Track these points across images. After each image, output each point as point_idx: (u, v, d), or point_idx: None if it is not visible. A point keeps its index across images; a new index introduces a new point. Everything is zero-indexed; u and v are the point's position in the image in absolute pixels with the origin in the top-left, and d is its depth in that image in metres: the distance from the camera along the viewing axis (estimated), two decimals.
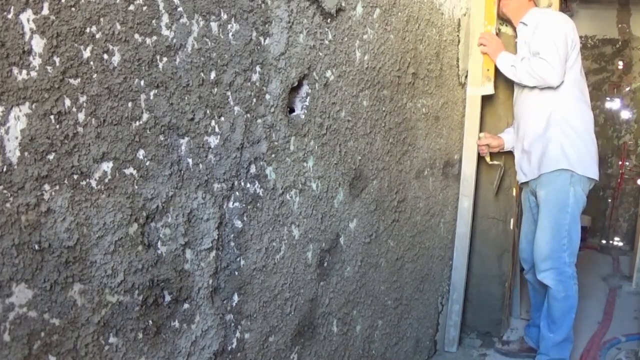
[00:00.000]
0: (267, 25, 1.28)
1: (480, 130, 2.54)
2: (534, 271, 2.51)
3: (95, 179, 0.95)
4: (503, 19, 2.54)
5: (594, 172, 2.28)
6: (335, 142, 1.61)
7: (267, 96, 1.32)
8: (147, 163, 1.04)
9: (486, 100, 2.58)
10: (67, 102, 0.89)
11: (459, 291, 2.58)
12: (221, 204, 1.23)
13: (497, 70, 2.44)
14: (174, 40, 1.06)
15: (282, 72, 1.35)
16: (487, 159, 2.55)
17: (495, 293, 2.73)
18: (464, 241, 2.57)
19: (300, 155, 1.47)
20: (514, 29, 2.52)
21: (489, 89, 2.47)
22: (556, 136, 2.24)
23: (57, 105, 0.87)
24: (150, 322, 1.09)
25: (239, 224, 1.29)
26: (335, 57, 1.54)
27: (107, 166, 0.96)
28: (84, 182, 0.93)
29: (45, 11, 0.84)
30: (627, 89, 4.87)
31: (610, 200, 4.84)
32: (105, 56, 0.94)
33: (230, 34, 1.19)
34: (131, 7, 0.97)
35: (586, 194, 2.29)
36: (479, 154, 2.54)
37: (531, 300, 2.66)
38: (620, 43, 4.84)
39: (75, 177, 0.92)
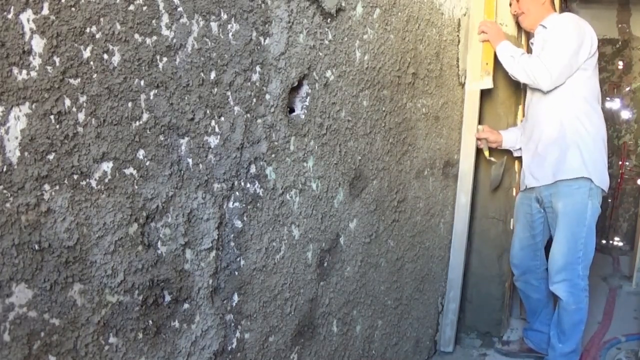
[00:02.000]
0: (267, 25, 1.28)
1: None
2: (525, 278, 2.50)
3: (95, 179, 0.95)
4: (521, 28, 2.52)
5: (606, 184, 2.27)
6: (335, 142, 1.61)
7: (267, 96, 1.32)
8: (147, 163, 1.04)
9: (486, 99, 2.58)
10: (67, 102, 0.89)
11: (456, 290, 2.57)
12: (221, 204, 1.23)
13: (496, 65, 2.42)
14: (174, 40, 1.06)
15: (282, 72, 1.35)
16: (486, 153, 2.51)
17: (495, 293, 2.73)
18: (462, 239, 2.54)
19: (300, 155, 1.47)
20: (528, 36, 2.52)
21: (488, 83, 2.44)
22: (576, 143, 2.21)
23: (57, 105, 0.87)
24: (150, 322, 1.09)
25: (239, 224, 1.29)
26: (335, 57, 1.54)
27: (107, 166, 0.96)
28: (84, 182, 0.93)
29: (45, 11, 0.84)
30: (627, 89, 4.87)
31: (610, 200, 4.84)
32: (105, 56, 0.94)
33: (230, 34, 1.19)
34: (131, 7, 0.97)
35: (600, 206, 2.28)
36: (478, 151, 2.53)
37: (525, 306, 2.65)
38: (620, 43, 4.84)
39: (75, 177, 0.92)
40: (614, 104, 4.92)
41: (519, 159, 2.59)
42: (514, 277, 2.59)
